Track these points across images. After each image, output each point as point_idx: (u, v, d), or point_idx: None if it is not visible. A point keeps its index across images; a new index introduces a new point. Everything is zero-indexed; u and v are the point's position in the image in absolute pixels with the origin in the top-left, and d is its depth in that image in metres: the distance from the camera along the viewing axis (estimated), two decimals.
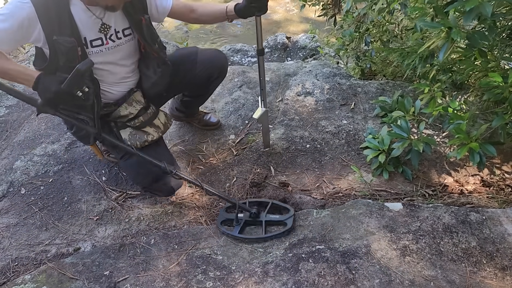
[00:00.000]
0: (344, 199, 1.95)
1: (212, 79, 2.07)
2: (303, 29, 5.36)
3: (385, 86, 2.59)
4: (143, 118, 1.82)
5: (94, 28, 1.57)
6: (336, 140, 2.26)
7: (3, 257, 1.75)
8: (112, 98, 1.77)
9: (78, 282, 1.51)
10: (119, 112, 1.78)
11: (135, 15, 1.64)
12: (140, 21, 1.65)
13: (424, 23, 1.54)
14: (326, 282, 1.44)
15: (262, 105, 1.98)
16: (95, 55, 1.60)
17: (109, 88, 1.74)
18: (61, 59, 1.51)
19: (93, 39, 1.58)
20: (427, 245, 1.55)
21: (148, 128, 1.84)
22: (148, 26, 1.68)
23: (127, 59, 1.74)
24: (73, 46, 1.50)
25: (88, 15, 1.53)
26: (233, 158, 2.24)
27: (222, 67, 2.08)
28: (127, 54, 1.73)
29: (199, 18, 1.88)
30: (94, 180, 2.12)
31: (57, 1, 1.45)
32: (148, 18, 1.69)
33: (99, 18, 1.56)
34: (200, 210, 1.95)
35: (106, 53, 1.64)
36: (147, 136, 1.82)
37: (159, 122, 1.89)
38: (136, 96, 1.82)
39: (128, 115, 1.79)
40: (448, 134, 2.18)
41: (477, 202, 1.86)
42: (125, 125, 1.80)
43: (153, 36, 1.72)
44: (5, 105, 2.75)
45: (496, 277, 1.44)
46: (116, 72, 1.72)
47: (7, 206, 2.00)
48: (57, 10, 1.45)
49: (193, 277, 1.51)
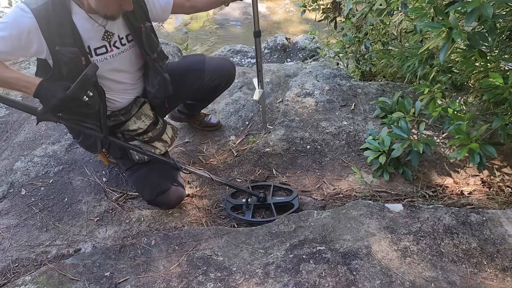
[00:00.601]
0: (344, 200, 1.95)
1: (220, 87, 2.08)
2: (303, 30, 5.37)
3: (385, 87, 2.59)
4: (152, 134, 1.83)
5: (98, 36, 1.55)
6: (336, 141, 2.27)
7: (4, 258, 1.75)
8: (119, 106, 1.77)
9: (78, 283, 1.51)
10: (128, 126, 1.78)
11: (135, 22, 1.62)
12: (139, 29, 1.63)
13: (425, 23, 1.54)
14: (327, 283, 1.44)
15: (259, 87, 2.01)
16: (100, 63, 1.57)
17: (115, 96, 1.73)
18: (64, 70, 1.50)
19: (97, 47, 1.56)
20: (428, 246, 1.55)
21: (156, 143, 1.86)
22: (148, 34, 1.65)
23: (131, 66, 1.73)
24: (76, 57, 1.49)
25: (90, 23, 1.51)
26: (234, 159, 2.24)
27: (230, 76, 2.07)
28: (131, 61, 1.71)
29: (195, 6, 1.88)
30: (94, 181, 2.12)
31: (59, 11, 1.43)
32: (149, 26, 1.67)
33: (102, 26, 1.54)
34: (201, 211, 1.95)
35: (111, 61, 1.62)
36: (155, 150, 1.85)
37: (167, 137, 1.91)
38: (145, 109, 1.82)
39: (137, 129, 1.79)
40: (448, 135, 2.19)
41: (477, 203, 1.87)
42: (133, 138, 1.82)
43: (152, 44, 1.69)
44: (6, 106, 2.75)
45: (496, 278, 1.44)
46: (121, 79, 1.71)
47: (7, 207, 2.00)
48: (59, 20, 1.43)
49: (194, 278, 1.51)
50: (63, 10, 1.44)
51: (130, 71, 1.73)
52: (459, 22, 1.56)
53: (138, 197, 2.05)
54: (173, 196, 1.91)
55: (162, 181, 1.88)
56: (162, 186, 1.88)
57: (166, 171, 1.91)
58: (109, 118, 1.75)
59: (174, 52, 3.37)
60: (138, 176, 1.88)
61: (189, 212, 1.95)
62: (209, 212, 1.94)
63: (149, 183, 1.87)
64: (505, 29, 1.73)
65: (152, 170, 1.87)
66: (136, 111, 1.80)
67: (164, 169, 1.90)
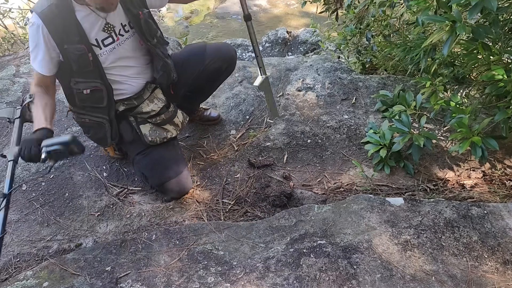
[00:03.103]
0: (345, 194, 1.94)
1: (221, 71, 2.08)
2: (304, 24, 5.33)
3: (386, 80, 2.57)
4: (165, 116, 1.89)
5: (100, 27, 1.63)
6: (337, 135, 2.26)
7: (5, 253, 1.76)
8: (132, 90, 1.82)
9: (80, 278, 1.52)
10: (141, 109, 1.84)
11: (133, 9, 1.68)
12: (138, 16, 1.69)
13: (428, 16, 1.53)
14: (328, 277, 1.44)
15: (261, 73, 1.95)
16: (109, 54, 1.68)
17: (128, 80, 1.80)
18: (74, 66, 1.62)
19: (104, 38, 1.65)
20: (429, 240, 1.54)
21: (168, 126, 1.91)
22: (146, 20, 1.71)
23: (137, 51, 1.79)
24: (83, 53, 1.59)
25: (93, 17, 1.60)
26: (234, 153, 2.23)
27: (230, 59, 2.09)
28: (135, 46, 1.77)
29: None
30: (95, 176, 2.12)
31: (63, 11, 1.52)
32: (147, 13, 1.72)
33: (103, 18, 1.62)
34: (201, 205, 1.95)
35: (118, 49, 1.71)
36: (166, 133, 1.90)
37: (178, 120, 1.96)
38: (157, 93, 1.89)
39: (150, 112, 1.85)
40: (450, 129, 2.17)
41: (478, 196, 1.86)
42: (146, 120, 1.87)
43: (151, 31, 1.75)
44: (6, 101, 2.74)
45: (497, 272, 1.44)
46: (130, 64, 1.79)
47: None
48: (64, 20, 1.53)
49: (195, 272, 1.51)
50: (66, 9, 1.53)
51: (136, 56, 1.80)
52: (462, 15, 1.54)
53: (139, 192, 2.05)
54: (184, 182, 1.92)
55: (175, 166, 1.90)
56: (175, 169, 1.89)
57: (179, 156, 1.96)
58: (122, 102, 1.82)
59: (174, 47, 3.35)
60: (150, 159, 1.88)
61: (189, 206, 1.95)
62: (210, 206, 1.94)
63: (161, 166, 1.89)
64: (508, 22, 1.71)
65: (164, 154, 1.90)
66: (148, 95, 1.86)
67: (177, 154, 1.95)
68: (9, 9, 4.12)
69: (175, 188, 1.91)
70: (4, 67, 3.13)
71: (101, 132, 1.86)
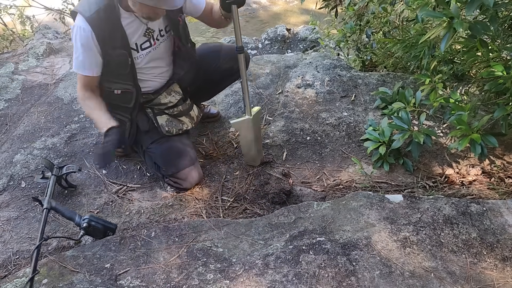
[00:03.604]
0: (344, 191, 1.94)
1: (234, 70, 2.08)
2: (304, 21, 5.32)
3: (385, 77, 2.57)
4: (182, 108, 1.99)
5: (141, 33, 1.73)
6: (336, 132, 2.26)
7: (4, 250, 1.76)
8: (154, 86, 1.92)
9: (79, 274, 1.51)
10: (159, 100, 1.93)
11: (173, 15, 1.77)
12: (178, 21, 1.80)
13: (426, 12, 1.52)
14: (327, 273, 1.44)
15: (245, 112, 1.89)
16: (144, 57, 1.79)
17: (153, 78, 1.90)
18: (113, 68, 1.74)
19: (142, 43, 1.75)
20: (428, 237, 1.55)
21: (184, 118, 2.00)
22: (184, 26, 1.84)
23: (167, 53, 1.90)
24: (124, 58, 1.70)
25: (137, 23, 1.70)
26: (234, 150, 2.23)
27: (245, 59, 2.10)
28: (167, 49, 1.89)
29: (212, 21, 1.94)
30: (94, 173, 2.12)
31: (110, 17, 1.61)
32: (184, 18, 1.82)
33: (144, 24, 1.72)
34: (200, 203, 1.95)
35: (154, 52, 1.82)
36: (182, 125, 1.99)
37: (194, 114, 2.06)
38: (175, 87, 1.97)
39: (168, 103, 1.94)
40: (449, 126, 2.17)
41: (477, 193, 1.86)
42: (163, 112, 1.95)
43: (187, 35, 1.88)
44: (4, 98, 2.74)
45: (496, 268, 1.44)
46: (158, 65, 1.89)
47: (7, 199, 2.00)
48: (110, 26, 1.63)
49: (194, 269, 1.51)
50: (113, 15, 1.62)
51: (164, 57, 1.90)
52: (460, 11, 1.54)
53: (138, 189, 2.05)
54: (199, 171, 1.99)
55: (191, 155, 1.97)
56: (190, 158, 1.95)
57: (192, 147, 2.03)
58: (141, 95, 1.89)
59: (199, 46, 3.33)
60: (166, 147, 1.94)
61: (188, 203, 1.95)
62: (209, 203, 1.94)
63: (177, 155, 1.94)
64: (507, 18, 1.71)
65: (180, 144, 1.97)
66: (165, 89, 1.95)
67: (191, 145, 2.03)
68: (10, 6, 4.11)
69: (190, 177, 1.95)
70: (2, 64, 3.12)
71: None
